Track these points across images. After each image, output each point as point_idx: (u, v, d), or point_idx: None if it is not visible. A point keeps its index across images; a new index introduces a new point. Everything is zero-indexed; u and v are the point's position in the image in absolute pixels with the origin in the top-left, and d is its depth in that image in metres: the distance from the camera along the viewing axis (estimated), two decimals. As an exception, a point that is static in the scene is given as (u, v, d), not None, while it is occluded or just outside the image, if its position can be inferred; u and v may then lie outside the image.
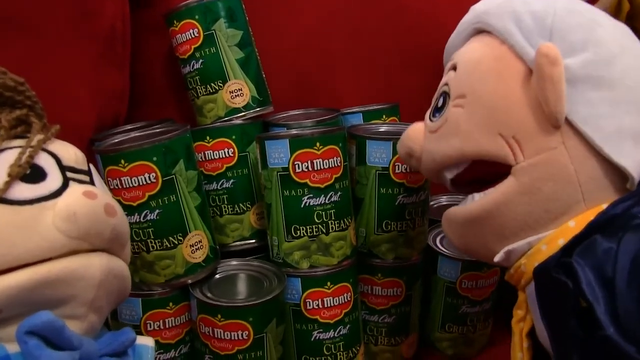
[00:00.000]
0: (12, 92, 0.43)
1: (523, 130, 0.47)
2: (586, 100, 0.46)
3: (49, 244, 0.38)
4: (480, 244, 0.52)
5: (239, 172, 0.74)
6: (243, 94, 0.75)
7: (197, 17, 0.73)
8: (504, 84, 0.49)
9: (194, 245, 0.65)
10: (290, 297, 0.69)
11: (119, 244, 0.43)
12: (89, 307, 0.40)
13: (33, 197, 0.39)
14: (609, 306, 0.40)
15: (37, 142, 0.42)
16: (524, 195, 0.47)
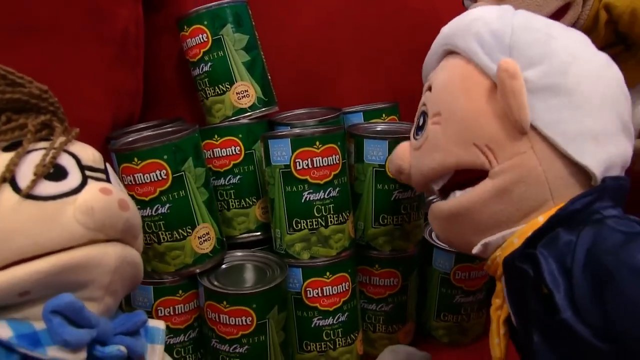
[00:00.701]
0: (37, 100, 0.48)
1: (494, 139, 0.52)
2: (548, 107, 0.51)
3: (70, 235, 0.43)
4: (460, 237, 0.57)
5: (245, 168, 0.78)
6: (249, 95, 0.79)
7: (205, 22, 0.78)
8: (472, 99, 0.54)
9: (202, 237, 0.70)
10: (292, 286, 0.73)
11: (131, 235, 0.48)
12: (105, 290, 0.45)
13: (56, 194, 0.44)
14: (568, 293, 0.45)
15: (60, 144, 0.47)
16: (498, 195, 0.52)
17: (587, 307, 0.44)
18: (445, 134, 0.55)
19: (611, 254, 0.44)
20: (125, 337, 0.46)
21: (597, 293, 0.44)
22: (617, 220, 0.47)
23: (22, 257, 0.41)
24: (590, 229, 0.46)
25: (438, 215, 0.57)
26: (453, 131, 0.54)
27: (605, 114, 0.52)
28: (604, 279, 0.43)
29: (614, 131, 0.53)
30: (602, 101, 0.52)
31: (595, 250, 0.45)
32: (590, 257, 0.44)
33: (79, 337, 0.41)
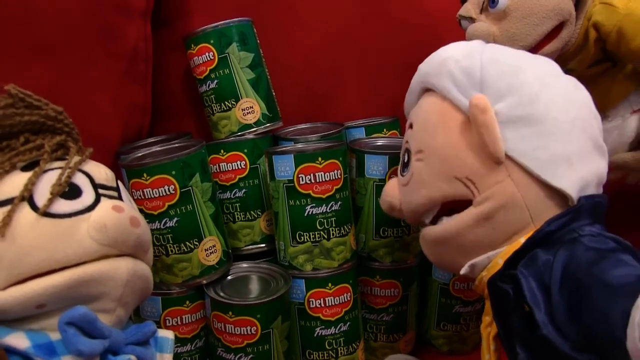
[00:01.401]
0: (53, 121, 0.51)
1: (473, 171, 0.55)
2: (520, 136, 0.54)
3: (84, 250, 0.46)
4: (448, 259, 0.60)
5: (250, 182, 0.80)
6: (254, 111, 0.82)
7: (212, 41, 0.80)
8: (449, 135, 0.57)
9: (208, 249, 0.72)
10: (295, 297, 0.76)
11: (142, 250, 0.50)
12: (118, 302, 0.48)
13: (71, 211, 0.47)
14: (547, 309, 0.48)
15: (74, 164, 0.49)
16: (481, 221, 0.55)
17: (565, 322, 0.47)
18: (429, 170, 0.58)
19: (584, 271, 0.47)
20: (136, 347, 0.48)
21: (573, 308, 0.47)
22: (591, 238, 0.50)
23: (39, 271, 0.44)
24: (565, 248, 0.49)
25: (427, 239, 0.61)
26: (435, 167, 0.58)
27: (576, 137, 0.55)
28: (579, 294, 0.46)
29: (586, 152, 0.56)
30: (572, 125, 0.55)
31: (570, 268, 0.48)
32: (566, 275, 0.47)
33: (92, 347, 0.44)
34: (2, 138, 0.49)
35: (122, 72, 0.84)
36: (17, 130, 0.49)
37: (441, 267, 0.68)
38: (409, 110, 0.67)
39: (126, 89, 0.85)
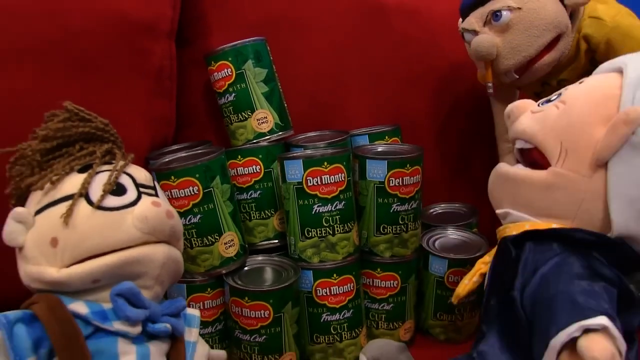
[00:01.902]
0: (102, 132, 0.62)
1: (575, 150, 0.63)
2: (632, 165, 0.60)
3: (129, 237, 0.57)
4: (499, 196, 0.70)
5: (264, 184, 0.90)
6: (268, 121, 0.92)
7: (230, 59, 0.91)
8: (593, 115, 0.64)
9: (227, 243, 0.83)
10: (304, 286, 0.85)
11: (175, 238, 0.62)
12: (155, 280, 0.59)
13: (119, 206, 0.58)
14: (524, 282, 0.58)
15: (120, 167, 0.61)
16: (541, 187, 0.64)
17: (527, 298, 0.58)
18: (555, 120, 0.66)
19: (568, 278, 0.57)
20: (170, 317, 0.60)
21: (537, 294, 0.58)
22: (598, 263, 0.59)
23: (94, 253, 0.56)
24: (572, 255, 0.59)
25: (497, 172, 0.71)
26: (559, 122, 0.65)
27: None
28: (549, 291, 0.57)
29: None
30: None
31: (560, 268, 0.59)
32: (554, 271, 0.58)
33: (137, 315, 0.55)
34: (62, 146, 0.61)
35: (150, 87, 0.95)
36: (73, 139, 0.61)
37: (490, 199, 0.75)
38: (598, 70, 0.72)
39: (154, 103, 0.96)
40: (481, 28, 0.90)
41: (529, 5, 0.86)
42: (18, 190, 0.60)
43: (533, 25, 0.86)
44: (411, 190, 0.87)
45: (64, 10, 0.85)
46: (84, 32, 0.86)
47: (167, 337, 0.60)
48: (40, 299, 0.54)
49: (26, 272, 0.57)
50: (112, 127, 0.64)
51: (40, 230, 0.57)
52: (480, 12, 0.91)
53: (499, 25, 0.87)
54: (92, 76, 0.88)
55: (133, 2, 0.92)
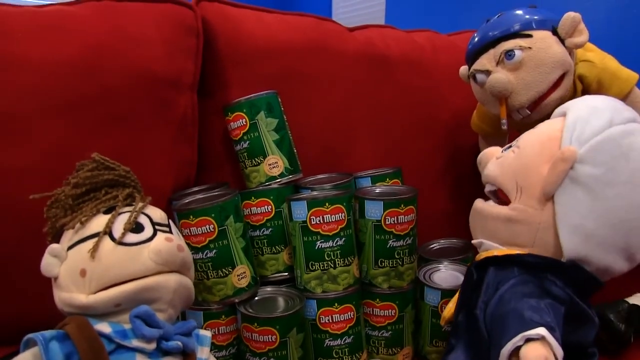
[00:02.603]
0: (124, 178, 0.74)
1: (528, 187, 0.74)
2: (574, 197, 0.70)
3: (146, 268, 0.68)
4: (473, 229, 0.82)
5: (275, 222, 1.00)
6: (278, 165, 1.03)
7: (244, 110, 1.02)
8: (540, 156, 0.75)
9: (240, 275, 0.93)
10: (309, 314, 0.95)
11: (186, 268, 0.73)
12: (169, 304, 0.70)
13: (137, 241, 0.69)
14: (486, 300, 0.68)
15: (139, 208, 0.72)
16: (504, 221, 0.75)
17: (487, 314, 0.66)
18: (511, 162, 0.78)
19: (519, 296, 0.66)
20: (182, 336, 0.70)
21: (494, 310, 0.66)
22: (551, 285, 0.69)
23: (117, 282, 0.67)
24: (528, 276, 0.69)
25: (474, 207, 0.83)
26: (514, 164, 0.77)
27: (612, 233, 0.70)
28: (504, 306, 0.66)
29: (610, 248, 0.71)
30: (617, 225, 0.70)
31: (515, 288, 0.68)
32: (510, 290, 0.67)
33: (151, 334, 0.66)
34: (90, 191, 0.72)
35: (174, 134, 1.06)
36: (99, 185, 0.73)
37: (471, 231, 0.86)
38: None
39: (177, 148, 1.07)
40: (494, 67, 0.98)
41: (537, 45, 0.95)
42: (53, 229, 0.72)
43: (543, 63, 0.94)
44: (406, 228, 0.96)
45: (98, 69, 0.97)
46: (116, 88, 0.98)
47: (180, 354, 0.70)
48: (71, 320, 0.66)
49: (60, 298, 0.69)
50: (133, 174, 0.76)
51: (72, 263, 0.68)
52: (492, 53, 0.99)
53: (512, 64, 0.95)
54: (123, 126, 0.99)
55: (159, 60, 1.04)
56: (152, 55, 1.04)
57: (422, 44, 1.35)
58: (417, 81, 1.27)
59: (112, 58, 0.99)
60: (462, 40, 1.10)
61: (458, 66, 1.10)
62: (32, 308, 0.84)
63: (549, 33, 0.96)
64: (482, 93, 1.03)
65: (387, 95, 1.26)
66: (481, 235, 0.79)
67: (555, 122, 0.78)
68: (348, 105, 1.22)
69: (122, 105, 1.00)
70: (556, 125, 0.76)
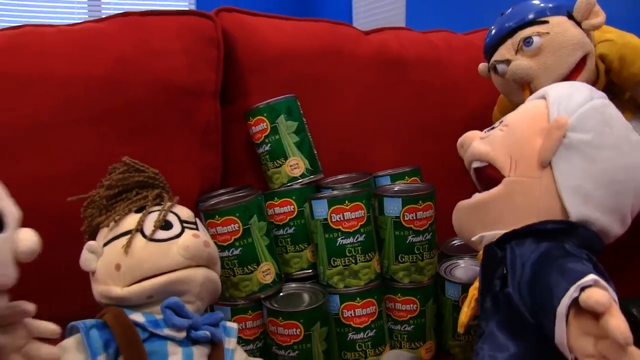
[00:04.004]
0: (153, 180, 0.80)
1: (523, 159, 0.77)
2: (569, 162, 0.75)
3: (175, 262, 0.74)
4: (468, 228, 0.83)
5: (298, 222, 1.05)
6: (299, 167, 1.08)
7: (265, 114, 1.08)
8: (531, 130, 0.79)
9: (265, 272, 0.98)
10: (332, 308, 0.99)
11: (212, 263, 0.79)
12: (197, 296, 0.76)
13: (166, 238, 0.75)
14: (517, 277, 0.70)
15: (167, 207, 0.78)
16: (502, 198, 0.77)
17: (523, 289, 0.69)
18: (501, 140, 0.81)
19: (551, 260, 0.68)
20: (210, 326, 0.76)
21: (532, 282, 0.69)
22: (572, 246, 0.71)
23: (148, 275, 0.73)
24: (549, 243, 0.71)
25: (460, 208, 0.85)
26: (505, 140, 0.81)
27: (606, 194, 0.75)
28: (541, 273, 0.67)
29: (607, 209, 0.75)
30: (609, 187, 0.75)
31: (544, 255, 0.70)
32: (539, 259, 0.69)
33: (181, 323, 0.72)
34: (122, 192, 0.79)
35: (199, 141, 1.12)
36: (131, 187, 0.79)
37: (461, 235, 0.88)
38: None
39: (202, 154, 1.13)
40: (513, 56, 1.01)
41: (555, 30, 0.97)
42: (90, 228, 0.79)
43: (562, 46, 0.96)
44: (424, 224, 1.01)
45: (124, 82, 1.04)
46: (142, 99, 1.05)
47: (208, 343, 0.76)
48: (108, 310, 0.72)
49: (97, 291, 0.75)
50: (161, 176, 0.82)
51: (107, 258, 0.75)
52: (510, 43, 1.02)
53: (531, 51, 0.98)
54: (150, 135, 1.06)
55: (182, 70, 1.10)
56: (175, 66, 1.10)
57: (438, 44, 1.39)
58: (433, 81, 1.32)
59: (138, 71, 1.06)
60: (479, 39, 1.13)
61: (475, 64, 1.13)
62: (73, 303, 0.89)
63: (564, 18, 0.99)
64: (504, 84, 1.06)
65: (403, 96, 1.30)
66: (481, 228, 0.80)
67: (537, 103, 0.83)
68: (365, 107, 1.27)
69: (148, 115, 1.06)
70: (539, 103, 0.82)
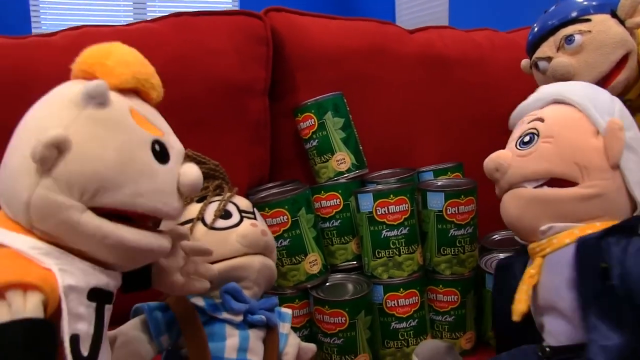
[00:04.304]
0: (214, 171, 0.85)
1: (591, 163, 0.79)
2: (629, 158, 0.78)
3: (233, 250, 0.79)
4: (530, 217, 0.82)
5: (344, 214, 1.09)
6: (346, 162, 1.12)
7: (313, 111, 1.12)
8: (582, 135, 0.81)
9: (311, 262, 1.03)
10: (376, 299, 1.03)
11: (269, 251, 0.83)
12: (254, 282, 0.80)
13: (225, 226, 0.80)
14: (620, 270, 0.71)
15: (227, 198, 0.83)
16: (581, 200, 0.79)
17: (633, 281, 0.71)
18: (555, 151, 0.81)
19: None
20: (266, 311, 0.80)
21: None
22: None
23: (209, 262, 0.77)
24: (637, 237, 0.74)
25: (524, 196, 0.82)
26: (562, 151, 0.81)
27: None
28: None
29: None
30: None
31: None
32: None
33: (239, 307, 0.77)
34: (184, 183, 0.83)
35: (249, 137, 1.17)
36: (193, 178, 0.84)
37: (517, 224, 0.85)
38: (525, 112, 0.90)
39: (252, 149, 1.18)
40: (555, 54, 1.02)
41: (597, 28, 0.99)
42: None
43: (604, 44, 0.97)
44: (466, 217, 1.05)
45: (180, 79, 1.09)
46: (196, 96, 1.11)
47: (264, 327, 0.80)
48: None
49: (162, 276, 0.80)
50: (222, 168, 0.87)
51: None
52: (553, 40, 1.03)
53: (573, 48, 0.99)
54: (204, 129, 1.11)
55: (234, 69, 1.15)
56: (226, 64, 1.15)
57: (481, 42, 1.42)
58: (476, 79, 1.35)
59: (193, 68, 1.12)
60: (522, 37, 1.15)
61: (517, 62, 1.15)
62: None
63: (607, 16, 1.00)
64: (545, 81, 1.05)
65: (446, 94, 1.34)
66: (550, 219, 0.80)
67: (560, 108, 0.85)
68: (409, 105, 1.31)
69: (202, 111, 1.12)
70: (565, 109, 0.84)
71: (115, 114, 0.59)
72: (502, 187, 0.85)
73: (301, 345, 0.88)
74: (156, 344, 0.77)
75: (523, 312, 0.78)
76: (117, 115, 0.59)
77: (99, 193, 0.55)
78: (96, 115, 0.57)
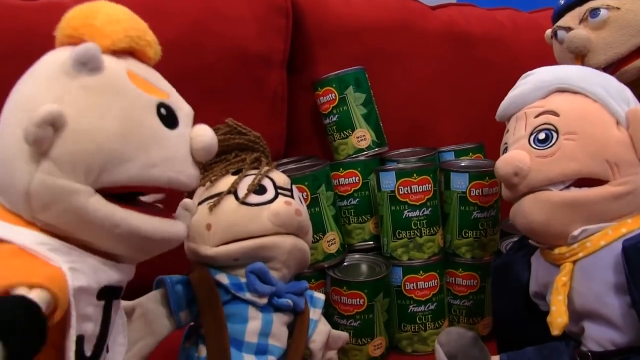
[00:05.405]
0: (254, 143, 0.82)
1: (621, 158, 0.74)
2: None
3: (264, 228, 0.75)
4: (560, 221, 0.75)
5: (362, 193, 1.07)
6: (366, 138, 1.10)
7: (334, 85, 1.09)
8: (605, 128, 0.75)
9: (329, 241, 1.01)
10: (394, 281, 1.01)
11: (303, 232, 0.79)
12: (283, 264, 0.77)
13: (258, 202, 0.76)
14: None
15: (263, 172, 0.79)
16: (613, 198, 0.74)
17: None
18: (581, 149, 0.74)
19: None
20: (293, 295, 0.77)
21: None
22: None
23: (237, 238, 0.75)
24: None
25: (552, 200, 0.75)
26: (589, 148, 0.75)
27: None
28: None
29: None
30: None
31: None
32: None
33: (264, 289, 0.74)
34: (221, 153, 0.80)
35: (265, 109, 1.15)
36: (231, 148, 0.81)
37: (542, 229, 0.78)
38: (522, 102, 0.84)
39: (268, 123, 1.15)
40: (576, 25, 0.97)
41: (627, 6, 0.93)
42: (188, 187, 0.81)
43: (629, 24, 0.91)
44: (490, 200, 1.02)
45: (196, 46, 1.07)
46: (212, 64, 1.08)
47: (290, 311, 0.78)
48: (195, 268, 0.75)
49: (188, 247, 0.77)
50: (263, 140, 0.83)
51: (200, 217, 0.76)
52: (578, 11, 0.98)
53: (595, 23, 0.94)
54: (220, 99, 1.09)
55: (251, 39, 1.12)
56: (245, 33, 1.12)
57: (503, 21, 1.39)
58: (498, 58, 1.33)
59: (211, 36, 1.09)
60: (544, 18, 1.14)
61: (539, 43, 1.12)
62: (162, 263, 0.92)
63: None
64: (561, 52, 1.02)
65: (468, 72, 1.31)
66: (582, 223, 0.75)
67: (571, 98, 0.79)
68: (431, 83, 1.29)
69: (218, 80, 1.09)
70: (576, 99, 0.79)
71: (111, 79, 0.54)
72: (520, 191, 0.77)
73: (332, 333, 0.85)
74: (175, 319, 0.75)
75: (566, 325, 0.73)
76: (113, 80, 0.54)
77: (106, 170, 0.51)
78: (90, 83, 0.52)
